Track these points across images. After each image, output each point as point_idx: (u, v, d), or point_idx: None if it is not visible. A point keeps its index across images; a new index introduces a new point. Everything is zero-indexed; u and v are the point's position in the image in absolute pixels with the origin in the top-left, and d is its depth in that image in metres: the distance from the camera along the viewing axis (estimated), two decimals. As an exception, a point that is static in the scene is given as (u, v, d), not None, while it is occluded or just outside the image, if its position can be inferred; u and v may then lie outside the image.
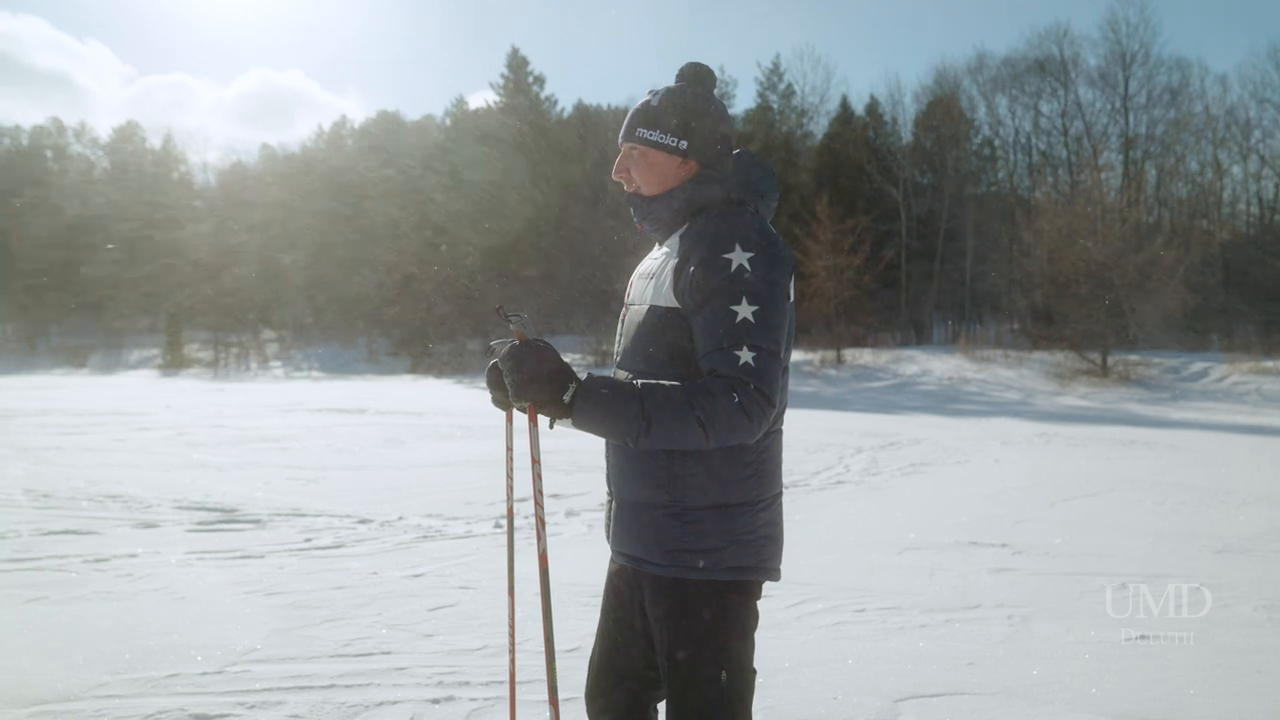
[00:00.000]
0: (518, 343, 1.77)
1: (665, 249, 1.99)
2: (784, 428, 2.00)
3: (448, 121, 53.03)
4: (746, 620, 1.92)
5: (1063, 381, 26.21)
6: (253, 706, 3.39)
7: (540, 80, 47.51)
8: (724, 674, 1.86)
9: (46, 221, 48.31)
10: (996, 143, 45.53)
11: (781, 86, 47.77)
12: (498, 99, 46.88)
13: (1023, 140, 44.90)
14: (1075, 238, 28.97)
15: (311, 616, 4.51)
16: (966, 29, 73.38)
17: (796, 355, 32.81)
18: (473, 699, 3.50)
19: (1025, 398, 24.35)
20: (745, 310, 1.76)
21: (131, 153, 59.48)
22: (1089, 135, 42.29)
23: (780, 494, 1.99)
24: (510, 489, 2.18)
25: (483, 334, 35.68)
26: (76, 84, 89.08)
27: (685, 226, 1.95)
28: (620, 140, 2.02)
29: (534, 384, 1.73)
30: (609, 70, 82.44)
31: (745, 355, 1.74)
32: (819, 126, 47.66)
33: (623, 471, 1.97)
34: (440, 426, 14.61)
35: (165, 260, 45.52)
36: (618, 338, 2.07)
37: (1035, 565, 5.74)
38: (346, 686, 3.60)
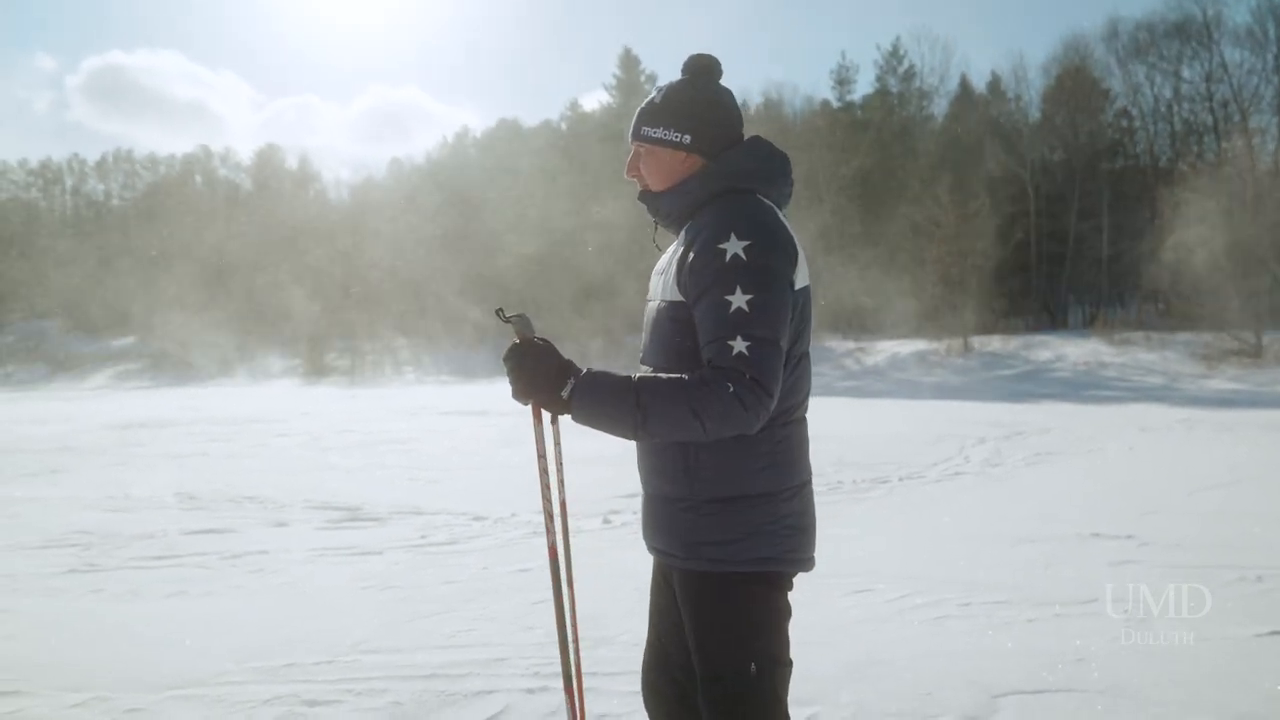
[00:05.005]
0: (517, 342, 1.82)
1: (676, 243, 2.00)
2: (809, 416, 1.98)
3: (563, 126, 53.96)
4: (775, 612, 1.91)
5: (1210, 364, 24.62)
6: (359, 694, 3.57)
7: (652, 79, 47.78)
8: (753, 666, 1.85)
9: (197, 242, 51.79)
10: (1134, 112, 43.03)
11: (901, 69, 46.54)
12: (611, 100, 47.42)
13: (1163, 109, 42.27)
14: (1224, 209, 27.12)
15: (420, 610, 4.71)
16: (1095, -4, 69.70)
17: (920, 344, 31.92)
18: (586, 689, 3.58)
19: (1169, 382, 23.00)
20: (739, 299, 1.75)
21: (271, 174, 62.98)
22: (1237, 99, 39.43)
23: (806, 484, 1.97)
24: (547, 485, 2.22)
25: (605, 334, 36.15)
26: (212, 111, 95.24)
27: (691, 220, 1.96)
28: (629, 139, 2.04)
29: (533, 382, 1.79)
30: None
31: (739, 345, 1.73)
32: (939, 108, 46.27)
33: (645, 466, 2.00)
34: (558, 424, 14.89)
35: (305, 273, 48.00)
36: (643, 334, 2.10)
37: (1161, 558, 5.43)
38: (447, 676, 3.74)
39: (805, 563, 1.95)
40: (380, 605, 4.81)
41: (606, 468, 9.11)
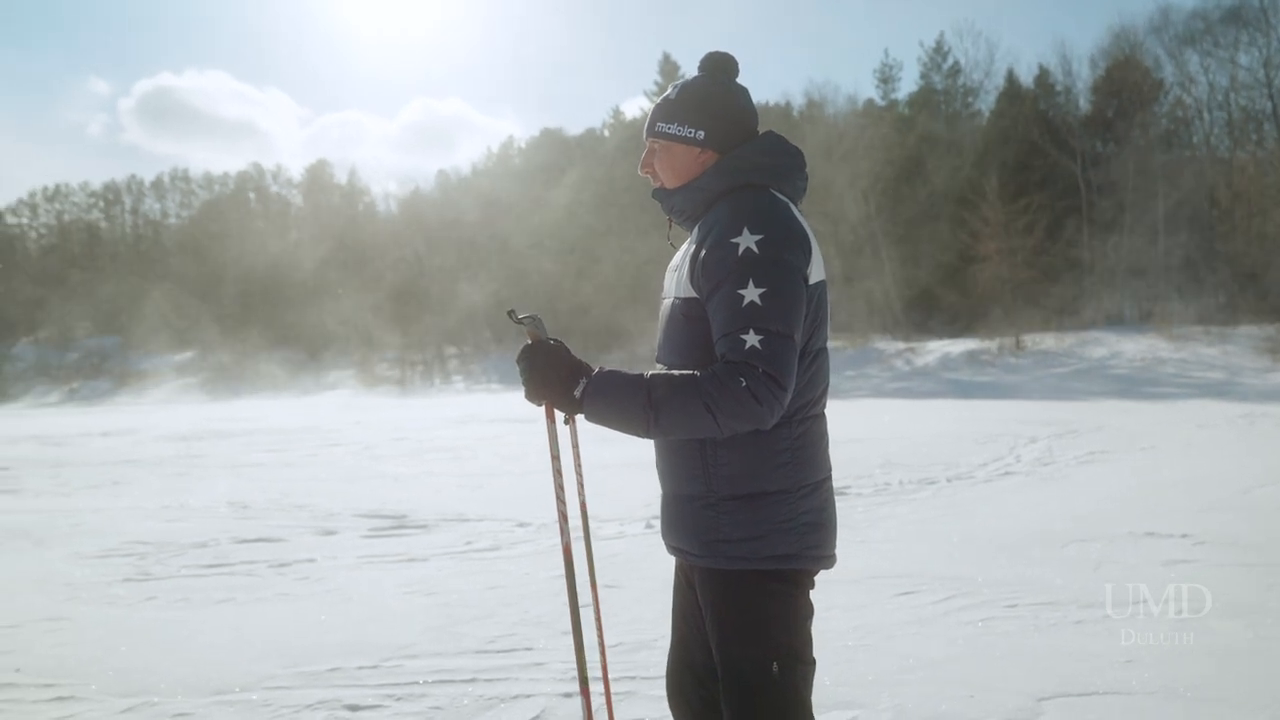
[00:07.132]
0: (530, 343, 1.83)
1: (690, 240, 2.00)
2: (825, 412, 1.96)
3: (606, 133, 54.18)
4: (796, 610, 1.89)
5: (1276, 356, 23.86)
6: (400, 699, 3.62)
7: (693, 83, 47.73)
8: (774, 665, 1.83)
9: (252, 257, 52.99)
10: (1189, 102, 41.93)
11: (946, 66, 45.99)
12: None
13: (1219, 98, 41.14)
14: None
15: (462, 615, 4.75)
16: (1145, -16, 68.08)
17: (971, 343, 31.43)
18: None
19: (1230, 377, 22.33)
20: (752, 293, 1.73)
21: (321, 189, 64.16)
22: (1297, 84, 38.21)
23: (826, 480, 1.95)
24: (561, 486, 2.22)
25: (649, 340, 36.18)
26: (260, 129, 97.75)
27: (705, 216, 1.95)
28: (644, 136, 2.04)
29: (545, 383, 1.79)
30: (764, 67, 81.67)
31: (751, 339, 1.71)
32: (985, 104, 45.59)
33: (664, 465, 1.99)
34: (600, 431, 14.93)
35: (355, 285, 48.80)
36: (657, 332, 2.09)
37: (1217, 557, 5.29)
38: (486, 680, 3.77)
39: (826, 560, 1.93)
40: (423, 611, 4.87)
41: (646, 473, 9.13)
